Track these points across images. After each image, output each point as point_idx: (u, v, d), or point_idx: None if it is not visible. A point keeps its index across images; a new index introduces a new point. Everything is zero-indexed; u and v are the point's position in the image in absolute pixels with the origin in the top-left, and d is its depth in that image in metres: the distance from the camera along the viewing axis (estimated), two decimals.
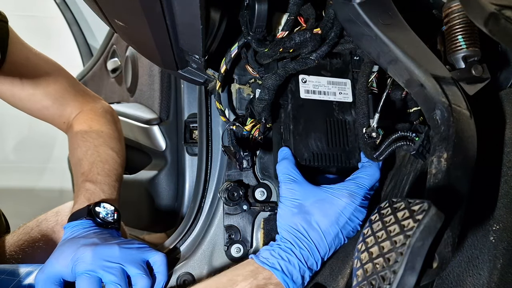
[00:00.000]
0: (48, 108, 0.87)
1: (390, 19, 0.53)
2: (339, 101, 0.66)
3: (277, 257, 0.57)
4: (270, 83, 0.61)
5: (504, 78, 0.55)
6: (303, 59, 0.62)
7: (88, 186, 0.76)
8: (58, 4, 2.12)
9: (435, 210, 0.36)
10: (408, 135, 0.54)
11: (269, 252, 0.58)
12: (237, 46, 0.62)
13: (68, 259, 0.61)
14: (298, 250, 0.57)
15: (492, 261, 0.45)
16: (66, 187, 1.97)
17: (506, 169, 0.48)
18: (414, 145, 0.53)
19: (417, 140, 0.53)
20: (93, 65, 1.74)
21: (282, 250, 0.57)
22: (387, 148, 0.56)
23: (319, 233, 0.57)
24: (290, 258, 0.56)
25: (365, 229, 0.43)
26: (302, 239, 0.57)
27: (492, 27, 0.43)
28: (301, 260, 0.56)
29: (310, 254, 0.57)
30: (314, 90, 0.65)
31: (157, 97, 1.16)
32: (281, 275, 0.55)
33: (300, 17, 0.62)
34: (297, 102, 0.64)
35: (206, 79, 0.70)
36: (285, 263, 0.56)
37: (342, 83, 0.67)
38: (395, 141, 0.55)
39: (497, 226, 0.46)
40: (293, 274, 0.56)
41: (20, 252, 0.85)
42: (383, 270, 0.37)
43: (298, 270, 0.56)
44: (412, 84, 0.50)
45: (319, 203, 0.58)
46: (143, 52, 0.75)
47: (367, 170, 0.61)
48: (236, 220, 0.71)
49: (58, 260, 0.62)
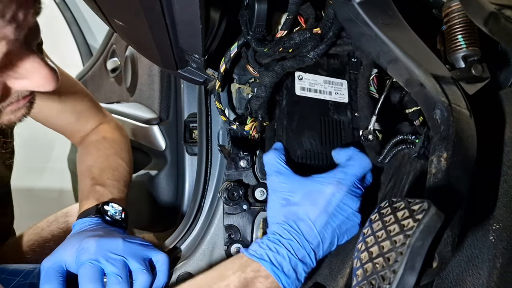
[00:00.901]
0: (72, 123, 0.91)
1: (390, 19, 0.53)
2: (334, 101, 0.66)
3: (265, 248, 0.56)
4: (267, 80, 0.62)
5: (504, 77, 0.55)
6: (300, 57, 0.62)
7: (97, 189, 0.79)
8: (57, 4, 2.12)
9: (435, 209, 0.36)
10: (408, 138, 0.55)
11: (258, 244, 0.57)
12: (237, 46, 0.62)
13: (74, 249, 0.63)
14: (287, 241, 0.56)
15: (491, 261, 0.45)
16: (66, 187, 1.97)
17: (506, 168, 0.48)
18: (415, 147, 0.53)
19: (417, 142, 0.54)
20: (93, 64, 1.74)
21: (271, 242, 0.56)
22: (389, 152, 0.57)
23: (308, 223, 0.56)
24: (278, 248, 0.55)
25: (365, 229, 0.43)
26: (291, 230, 0.56)
27: (492, 27, 0.43)
28: (291, 251, 0.55)
29: (300, 245, 0.55)
30: (310, 88, 0.65)
31: (157, 97, 1.16)
32: (270, 266, 0.54)
33: (300, 17, 0.62)
34: (292, 98, 0.64)
35: (206, 79, 0.70)
36: (273, 254, 0.55)
37: (338, 83, 0.67)
38: (396, 144, 0.57)
39: (496, 225, 0.46)
40: (283, 266, 0.55)
41: (30, 252, 0.86)
42: (383, 269, 0.37)
43: (289, 261, 0.55)
44: (412, 84, 0.50)
45: (307, 193, 0.57)
46: (143, 51, 0.75)
47: (355, 159, 0.60)
48: (236, 220, 0.71)
49: (65, 250, 0.64)
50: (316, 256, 0.57)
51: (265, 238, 0.58)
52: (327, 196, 0.56)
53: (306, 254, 0.56)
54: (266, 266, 0.54)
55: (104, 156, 0.86)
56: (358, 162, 0.59)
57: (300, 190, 0.58)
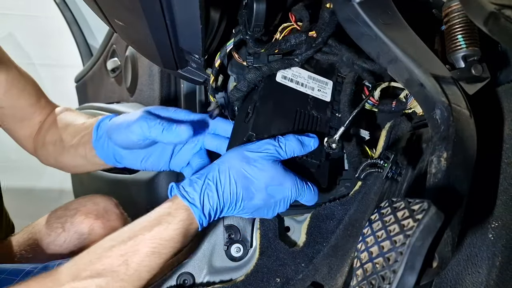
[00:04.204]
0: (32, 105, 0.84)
1: (390, 19, 0.53)
2: (315, 97, 0.65)
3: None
4: (251, 77, 0.62)
5: (503, 77, 0.55)
6: (288, 60, 0.63)
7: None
8: (57, 4, 2.12)
9: (435, 209, 0.37)
10: (377, 162, 0.60)
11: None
12: (233, 42, 0.62)
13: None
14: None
15: (491, 259, 0.45)
16: (66, 187, 1.97)
17: (505, 166, 0.48)
18: (383, 171, 0.59)
19: (385, 166, 0.59)
20: (93, 65, 1.74)
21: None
22: (362, 172, 0.61)
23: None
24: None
25: (365, 229, 0.43)
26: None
27: (491, 27, 0.43)
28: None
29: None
30: (292, 78, 0.65)
31: (157, 97, 1.16)
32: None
33: (292, 15, 0.62)
34: (270, 83, 0.63)
35: (205, 79, 0.70)
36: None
37: (323, 82, 0.67)
38: (368, 166, 0.61)
39: (495, 223, 0.46)
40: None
41: (30, 251, 0.86)
42: (383, 269, 0.37)
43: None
44: (412, 84, 0.50)
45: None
46: (143, 52, 0.75)
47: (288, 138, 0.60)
48: (236, 220, 0.71)
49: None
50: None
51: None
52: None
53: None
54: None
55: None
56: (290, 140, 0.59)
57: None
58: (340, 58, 0.65)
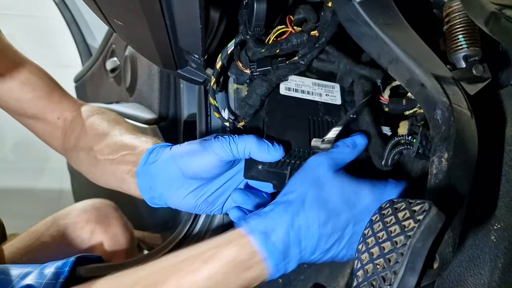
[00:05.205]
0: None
1: (391, 19, 0.53)
2: (325, 102, 0.63)
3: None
4: (261, 91, 0.60)
5: (505, 77, 0.55)
6: (294, 64, 0.61)
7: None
8: (57, 3, 2.11)
9: (436, 210, 0.36)
10: (402, 139, 0.54)
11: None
12: (234, 43, 0.62)
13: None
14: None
15: (493, 261, 0.45)
16: (65, 188, 1.97)
17: (507, 167, 0.48)
18: (413, 147, 0.52)
19: (414, 142, 0.53)
20: (92, 64, 1.74)
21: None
22: (389, 155, 0.55)
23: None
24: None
25: (365, 230, 0.43)
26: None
27: (492, 27, 0.43)
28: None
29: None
30: (296, 88, 0.63)
31: (156, 97, 1.16)
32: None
33: (289, 18, 0.62)
34: (275, 97, 0.62)
35: (205, 79, 0.70)
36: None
37: (329, 86, 0.65)
38: (393, 147, 0.55)
39: (498, 225, 0.46)
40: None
41: (29, 254, 0.85)
42: (383, 270, 0.37)
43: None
44: (413, 84, 0.50)
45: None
46: (142, 51, 0.75)
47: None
48: None
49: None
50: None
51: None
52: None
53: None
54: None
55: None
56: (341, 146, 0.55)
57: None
58: (338, 66, 0.64)
